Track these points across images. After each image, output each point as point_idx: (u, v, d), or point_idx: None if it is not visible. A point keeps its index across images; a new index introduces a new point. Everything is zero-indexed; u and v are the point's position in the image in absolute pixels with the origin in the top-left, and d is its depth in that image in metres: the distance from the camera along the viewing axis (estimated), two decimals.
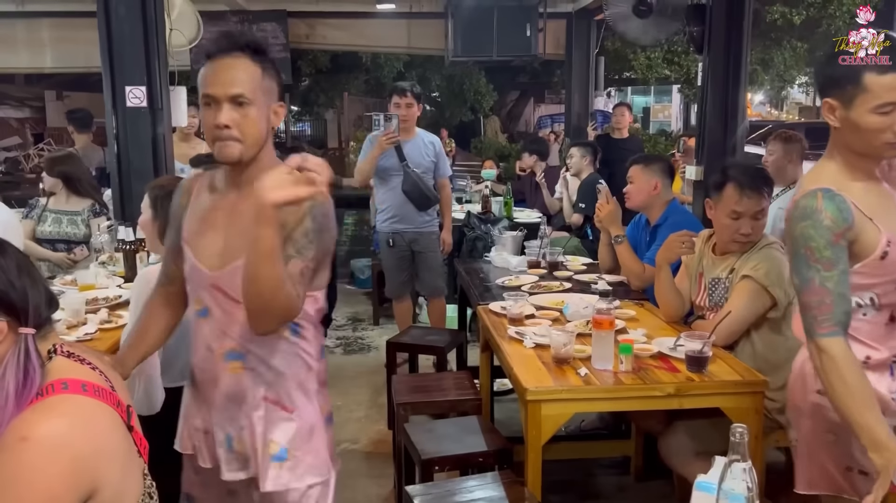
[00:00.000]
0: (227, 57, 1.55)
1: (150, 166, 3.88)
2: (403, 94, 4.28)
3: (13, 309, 1.18)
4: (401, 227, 4.39)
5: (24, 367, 1.15)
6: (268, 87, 1.58)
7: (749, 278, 2.42)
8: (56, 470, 1.10)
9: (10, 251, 1.23)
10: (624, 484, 3.14)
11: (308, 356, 1.66)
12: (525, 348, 2.44)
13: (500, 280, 3.40)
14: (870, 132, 1.60)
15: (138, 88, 3.83)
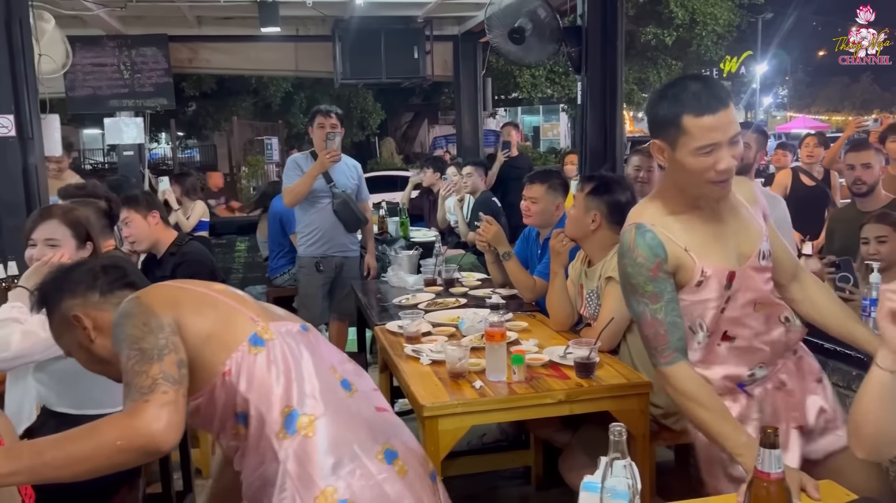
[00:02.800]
0: None
1: (22, 199, 3.68)
2: (328, 115, 4.23)
3: None
4: (329, 251, 4.33)
5: None
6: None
7: (613, 279, 2.52)
8: None
9: None
10: (525, 493, 3.19)
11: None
12: (422, 366, 2.45)
13: (396, 299, 3.41)
14: (693, 172, 1.65)
15: (5, 117, 3.62)
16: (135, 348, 1.35)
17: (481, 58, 7.03)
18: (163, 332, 1.38)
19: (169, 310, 1.43)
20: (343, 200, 4.26)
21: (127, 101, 6.24)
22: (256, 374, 1.45)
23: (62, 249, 2.34)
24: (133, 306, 1.43)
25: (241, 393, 1.44)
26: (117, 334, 1.41)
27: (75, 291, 1.58)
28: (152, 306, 1.42)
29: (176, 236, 3.35)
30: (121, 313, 1.44)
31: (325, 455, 1.45)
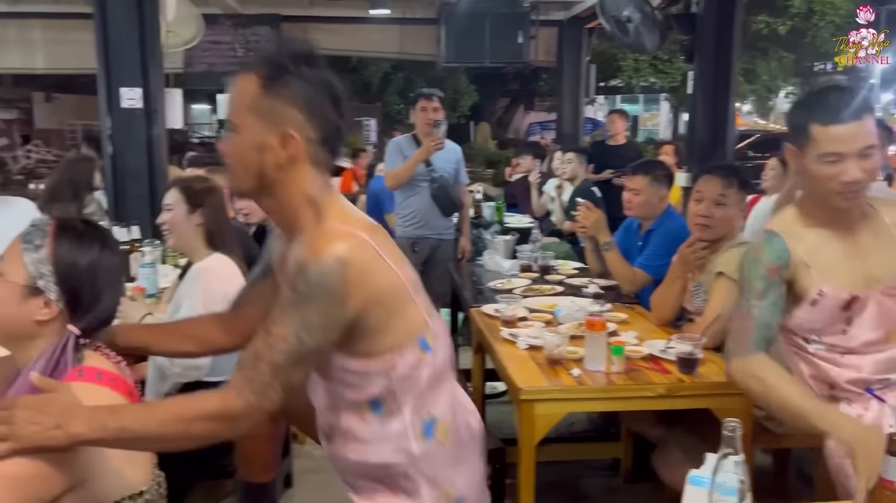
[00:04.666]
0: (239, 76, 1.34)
1: (146, 167, 3.91)
2: (430, 98, 4.29)
3: (77, 304, 1.24)
4: (425, 232, 4.40)
5: (57, 361, 1.21)
6: (266, 109, 1.28)
7: (722, 275, 2.47)
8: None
9: (114, 254, 1.29)
10: (613, 486, 3.18)
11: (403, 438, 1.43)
12: (518, 349, 2.47)
13: (492, 283, 3.44)
14: (818, 180, 1.67)
15: (134, 90, 3.85)
16: (292, 339, 1.25)
17: (586, 43, 6.93)
18: (329, 334, 1.28)
19: (358, 299, 1.29)
20: (441, 185, 4.30)
21: None
22: (414, 377, 1.39)
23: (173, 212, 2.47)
24: (334, 280, 1.25)
25: (392, 388, 1.38)
26: (301, 295, 1.26)
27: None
28: (348, 291, 1.27)
29: None
30: (321, 280, 1.25)
31: (453, 460, 1.47)
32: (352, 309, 1.28)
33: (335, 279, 1.24)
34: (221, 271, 2.37)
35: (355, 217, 1.37)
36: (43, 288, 1.24)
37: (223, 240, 2.42)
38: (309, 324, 1.25)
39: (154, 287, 3.21)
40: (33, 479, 1.14)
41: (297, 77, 1.28)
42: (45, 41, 6.55)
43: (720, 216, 2.57)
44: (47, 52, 6.61)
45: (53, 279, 1.24)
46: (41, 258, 1.25)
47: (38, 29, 6.54)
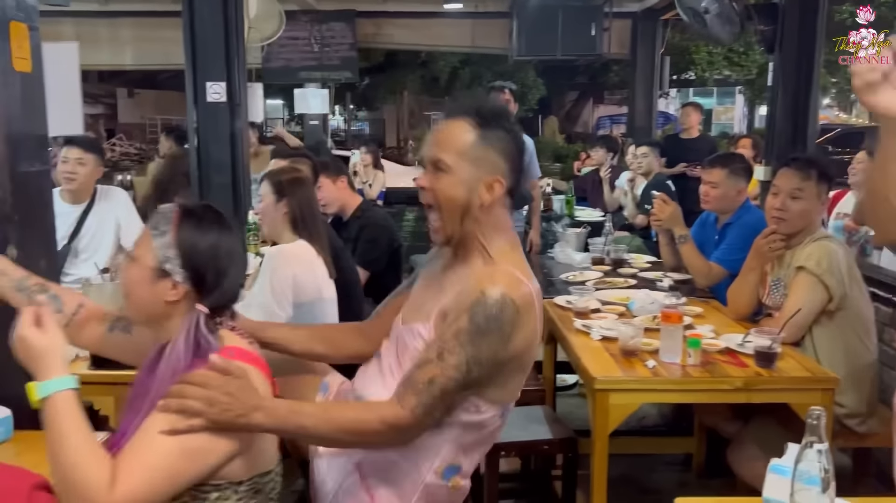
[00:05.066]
0: (450, 120, 1.49)
1: (229, 159, 4.07)
2: (502, 90, 4.33)
3: (202, 284, 1.33)
4: None
5: (196, 339, 1.31)
6: (479, 156, 1.46)
7: (804, 269, 2.43)
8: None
9: (231, 236, 1.39)
10: (685, 480, 3.15)
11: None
12: (592, 340, 2.49)
13: (563, 275, 3.45)
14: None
15: (218, 84, 4.01)
16: (464, 368, 1.38)
17: (660, 35, 6.83)
18: (491, 369, 1.42)
19: (517, 342, 1.43)
20: None
21: (315, 74, 6.68)
22: (483, 430, 1.53)
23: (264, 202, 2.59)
24: (507, 320, 1.40)
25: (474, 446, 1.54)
26: (478, 327, 1.39)
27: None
28: (514, 333, 1.42)
29: (361, 201, 3.58)
30: (497, 315, 1.39)
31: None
32: (510, 350, 1.42)
33: (508, 318, 1.39)
34: (295, 255, 2.46)
35: (529, 271, 1.51)
36: (170, 270, 1.33)
37: (307, 227, 2.51)
38: (479, 358, 1.39)
39: None
40: (209, 452, 1.26)
41: (503, 129, 1.48)
42: (133, 39, 6.86)
43: (796, 209, 2.53)
44: (135, 49, 6.92)
45: (179, 262, 1.33)
46: (166, 242, 1.33)
47: (127, 27, 6.85)
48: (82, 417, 1.23)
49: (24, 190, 1.74)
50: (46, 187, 1.88)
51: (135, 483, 1.18)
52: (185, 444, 1.23)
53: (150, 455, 1.21)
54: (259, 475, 1.35)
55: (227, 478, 1.30)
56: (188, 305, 1.35)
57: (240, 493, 1.32)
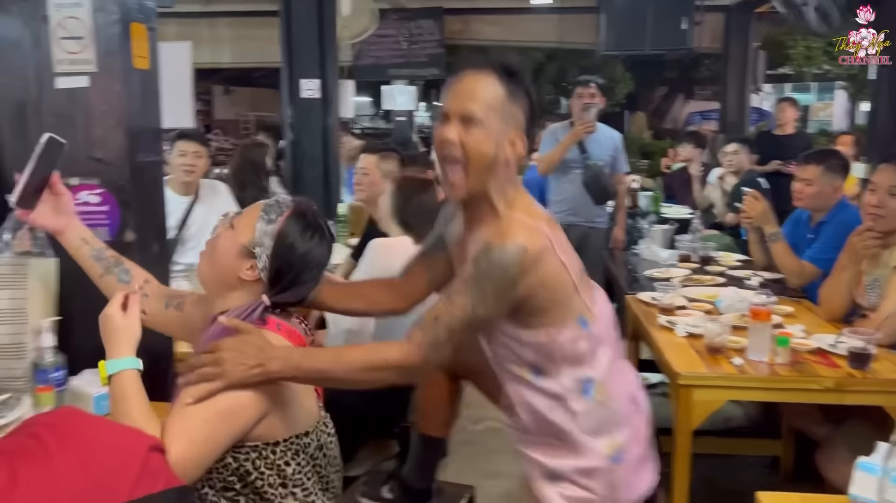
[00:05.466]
0: (476, 73, 1.46)
1: (321, 153, 4.23)
2: (587, 84, 4.32)
3: (276, 282, 1.42)
4: (574, 219, 4.39)
5: (244, 318, 1.40)
6: (510, 115, 1.45)
7: None
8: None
9: (325, 250, 1.47)
10: (772, 484, 3.05)
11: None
12: (676, 337, 2.47)
13: (648, 272, 3.42)
14: None
15: (312, 81, 4.17)
16: (469, 308, 1.41)
17: (755, 29, 6.62)
18: (499, 308, 1.44)
19: (528, 282, 1.43)
20: (595, 173, 4.28)
21: (402, 71, 6.81)
22: (571, 347, 1.53)
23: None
24: (512, 263, 1.41)
25: (550, 356, 1.53)
26: (482, 273, 1.41)
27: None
28: (521, 274, 1.42)
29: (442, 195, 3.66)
30: (501, 263, 1.40)
31: (613, 419, 1.59)
32: (521, 290, 1.44)
33: (513, 262, 1.40)
34: (395, 249, 2.54)
35: (539, 211, 1.54)
36: (257, 255, 1.42)
37: (416, 228, 2.55)
38: (485, 298, 1.41)
39: None
40: (240, 410, 1.33)
41: (524, 87, 1.46)
42: (231, 38, 7.17)
43: (894, 206, 2.44)
44: (233, 48, 7.22)
45: (268, 252, 1.41)
46: (268, 230, 1.42)
47: (226, 27, 7.17)
48: (143, 395, 1.33)
49: (140, 179, 1.88)
50: (159, 177, 2.03)
51: (180, 446, 1.25)
52: (213, 408, 1.30)
53: (187, 423, 1.28)
54: (296, 436, 1.41)
55: (262, 439, 1.36)
56: (254, 290, 1.43)
57: (278, 454, 1.38)
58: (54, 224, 1.60)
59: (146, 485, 0.94)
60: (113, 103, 1.80)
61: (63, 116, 1.81)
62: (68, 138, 1.81)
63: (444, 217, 1.71)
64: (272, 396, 1.37)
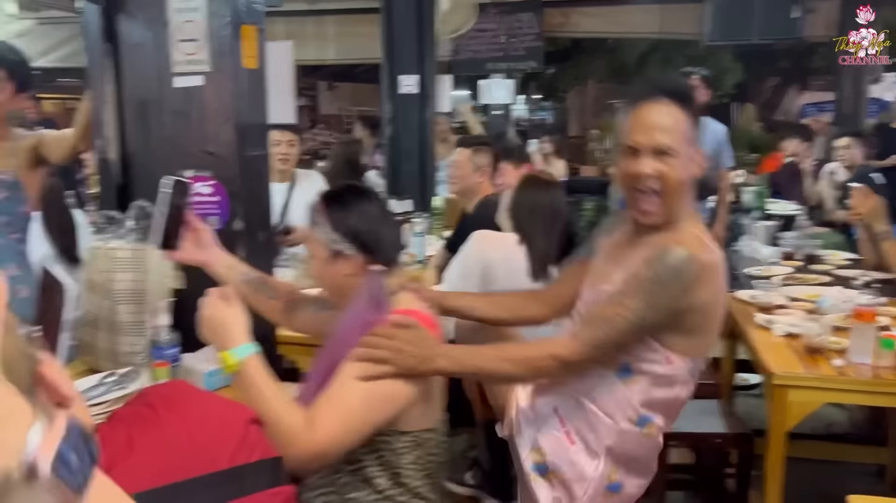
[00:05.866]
0: (655, 103, 1.53)
1: (417, 147, 4.32)
2: (687, 76, 4.24)
3: (366, 247, 1.50)
4: None
5: (376, 297, 1.47)
6: (691, 137, 1.53)
7: None
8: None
9: (374, 199, 1.56)
10: (876, 493, 2.92)
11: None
12: (774, 336, 2.40)
13: (748, 269, 3.33)
14: None
15: (411, 76, 4.27)
16: (640, 311, 1.45)
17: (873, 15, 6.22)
18: (667, 317, 1.48)
19: (696, 296, 1.48)
20: None
21: (500, 64, 6.83)
22: (672, 384, 1.58)
23: None
24: (687, 272, 1.45)
25: (653, 373, 1.56)
26: (657, 276, 1.46)
27: None
28: (693, 286, 1.46)
29: None
30: (677, 267, 1.45)
31: (636, 457, 1.64)
32: (687, 302, 1.46)
33: (688, 271, 1.44)
34: (495, 243, 2.57)
35: (709, 235, 1.57)
36: (340, 249, 1.51)
37: (523, 229, 2.57)
38: (657, 303, 1.45)
39: (422, 254, 3.58)
40: (394, 398, 1.42)
41: (694, 110, 1.54)
42: (336, 35, 7.38)
43: None
44: (337, 45, 7.43)
45: (342, 238, 1.50)
46: (326, 230, 1.52)
47: (330, 24, 7.38)
48: (271, 375, 1.41)
49: (248, 171, 2.01)
50: (265, 170, 2.15)
51: (333, 425, 1.35)
52: (374, 390, 1.39)
53: (346, 400, 1.38)
54: (422, 430, 1.49)
55: (395, 426, 1.44)
56: (364, 271, 1.51)
57: (402, 442, 1.46)
58: (199, 257, 1.73)
59: (244, 454, 1.02)
60: (224, 100, 1.93)
61: (180, 113, 1.95)
62: (184, 134, 1.96)
63: (604, 229, 1.77)
64: (422, 389, 1.45)
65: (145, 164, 2.02)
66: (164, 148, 1.99)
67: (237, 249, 1.95)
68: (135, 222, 1.94)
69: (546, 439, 1.65)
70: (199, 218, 1.73)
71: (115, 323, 1.89)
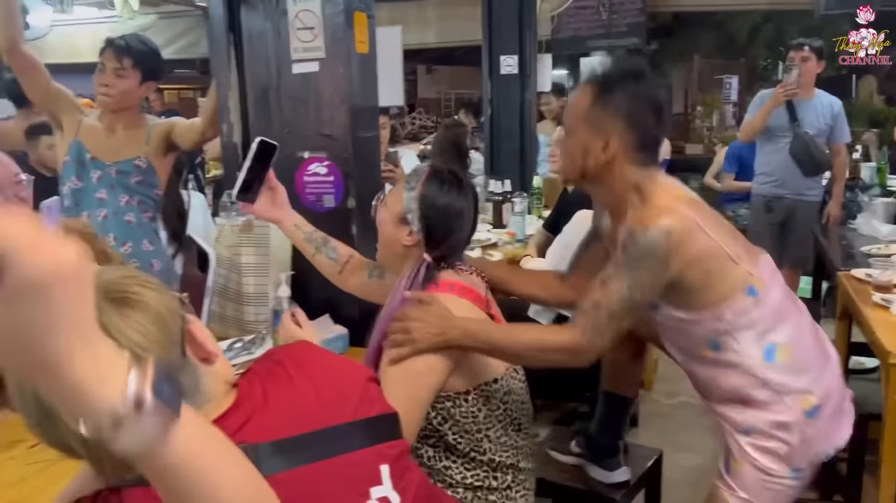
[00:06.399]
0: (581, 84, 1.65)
1: (517, 128, 4.35)
2: (800, 48, 4.07)
3: (431, 237, 1.57)
4: (781, 191, 4.18)
5: (411, 281, 1.56)
6: (595, 119, 1.57)
7: None
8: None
9: (468, 196, 1.60)
10: None
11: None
12: (892, 315, 2.32)
13: (865, 248, 3.19)
14: None
15: (511, 57, 4.29)
16: (626, 292, 1.50)
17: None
18: (654, 290, 1.52)
19: (678, 262, 1.50)
20: (804, 142, 3.99)
21: (601, 42, 6.72)
22: (745, 318, 1.58)
23: None
24: (659, 246, 1.49)
25: (725, 329, 1.58)
26: (632, 257, 1.50)
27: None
28: (669, 255, 1.49)
29: None
30: (648, 246, 1.49)
31: (801, 374, 1.61)
32: (673, 270, 1.51)
33: (659, 245, 1.49)
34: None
35: (676, 193, 1.59)
36: (410, 220, 1.57)
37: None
38: (639, 282, 1.50)
39: (522, 233, 3.63)
40: (430, 371, 1.49)
41: (624, 92, 1.55)
42: (436, 18, 7.45)
43: None
44: (438, 28, 7.51)
45: (418, 214, 1.56)
46: (413, 196, 1.57)
47: (431, 8, 7.47)
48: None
49: (360, 152, 2.12)
50: (376, 150, 2.26)
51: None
52: (408, 370, 1.47)
53: (391, 390, 1.45)
54: (484, 383, 1.55)
55: (451, 389, 1.51)
56: (419, 252, 1.58)
57: (469, 401, 1.52)
58: (272, 214, 1.83)
59: (364, 409, 1.09)
60: (338, 85, 2.04)
61: (297, 98, 2.08)
62: (301, 118, 2.08)
63: (595, 213, 1.84)
64: (455, 353, 1.52)
65: None
66: (282, 131, 2.12)
67: (350, 226, 2.07)
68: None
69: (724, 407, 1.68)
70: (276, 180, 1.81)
71: (241, 294, 2.05)
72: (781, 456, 1.61)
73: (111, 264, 1.07)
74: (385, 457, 1.06)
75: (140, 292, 0.87)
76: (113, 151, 2.54)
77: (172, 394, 0.61)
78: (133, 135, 2.57)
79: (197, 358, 0.95)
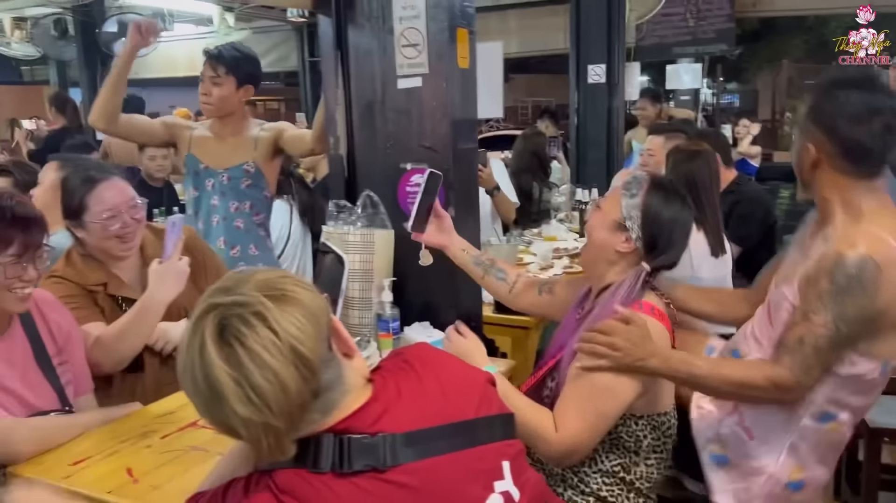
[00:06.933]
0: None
1: (604, 136, 4.35)
2: None
3: (652, 247, 1.59)
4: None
5: (631, 289, 1.57)
6: (805, 123, 1.60)
7: None
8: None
9: (689, 213, 1.63)
10: None
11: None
12: None
13: None
14: None
15: (599, 66, 4.30)
16: (832, 326, 1.44)
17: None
18: (862, 325, 1.46)
19: (885, 297, 1.45)
20: None
21: (688, 49, 6.62)
22: (862, 384, 1.57)
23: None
24: (868, 277, 1.43)
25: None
26: (839, 287, 1.44)
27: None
28: (878, 288, 1.43)
29: (736, 175, 3.57)
30: (857, 275, 1.43)
31: (820, 452, 1.62)
32: (879, 306, 1.44)
33: (869, 277, 1.42)
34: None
35: (887, 222, 1.51)
36: (629, 227, 1.59)
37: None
38: (846, 316, 1.44)
39: None
40: (619, 390, 1.51)
41: (826, 101, 1.55)
42: (518, 28, 7.51)
43: None
44: (519, 38, 7.56)
45: (639, 222, 1.58)
46: (634, 204, 1.59)
47: (513, 18, 7.53)
48: (513, 387, 1.54)
49: (460, 163, 2.18)
50: (475, 161, 2.31)
51: (572, 422, 1.48)
52: (597, 383, 1.49)
53: (576, 397, 1.50)
54: (657, 414, 1.57)
55: (627, 411, 1.53)
56: (633, 260, 1.59)
57: (639, 426, 1.56)
58: (439, 240, 1.92)
59: (485, 408, 1.15)
60: (440, 99, 2.11)
61: (401, 112, 2.16)
62: (404, 130, 2.17)
63: (801, 226, 1.76)
64: (647, 379, 1.52)
65: (369, 158, 2.25)
66: (386, 144, 2.21)
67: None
68: (362, 210, 2.18)
69: (725, 432, 1.68)
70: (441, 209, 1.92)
71: (347, 298, 2.14)
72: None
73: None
74: (506, 454, 1.11)
75: (296, 290, 0.96)
76: (223, 159, 2.72)
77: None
78: (241, 141, 2.74)
79: (340, 352, 1.03)
